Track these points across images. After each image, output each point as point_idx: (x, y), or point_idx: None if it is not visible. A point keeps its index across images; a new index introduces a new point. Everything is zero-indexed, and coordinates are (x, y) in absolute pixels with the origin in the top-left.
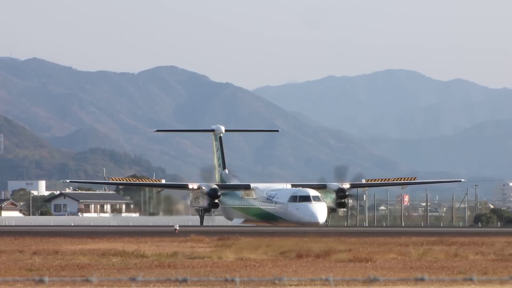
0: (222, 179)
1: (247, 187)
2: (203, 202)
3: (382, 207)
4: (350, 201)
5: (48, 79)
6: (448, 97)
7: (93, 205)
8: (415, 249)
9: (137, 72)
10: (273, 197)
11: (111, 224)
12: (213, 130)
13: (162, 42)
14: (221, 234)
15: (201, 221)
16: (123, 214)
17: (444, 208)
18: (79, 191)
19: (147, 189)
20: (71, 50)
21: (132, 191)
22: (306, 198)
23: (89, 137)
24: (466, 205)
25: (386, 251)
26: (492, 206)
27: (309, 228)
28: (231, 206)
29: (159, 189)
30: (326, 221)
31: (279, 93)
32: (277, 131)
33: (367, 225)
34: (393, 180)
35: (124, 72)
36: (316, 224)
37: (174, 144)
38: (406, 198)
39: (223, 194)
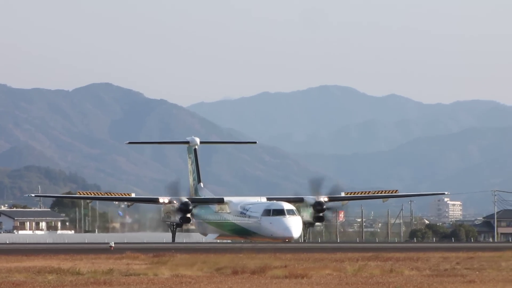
0: (197, 193)
1: (220, 201)
2: (175, 217)
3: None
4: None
5: None
6: (383, 113)
7: (28, 223)
8: (350, 265)
9: (71, 89)
10: (247, 211)
11: (47, 242)
12: (187, 142)
13: (97, 59)
14: (157, 251)
15: (173, 237)
16: (59, 232)
17: (380, 224)
18: (15, 209)
19: (82, 206)
20: (5, 68)
21: (68, 208)
22: (280, 212)
23: (24, 155)
24: (401, 221)
25: (322, 267)
26: (427, 222)
27: (282, 244)
28: (205, 221)
29: (129, 204)
30: (304, 236)
31: (213, 110)
32: (255, 142)
33: (302, 241)
34: (374, 193)
35: (58, 89)
36: (291, 239)
37: (110, 161)
38: (342, 214)
39: (197, 208)
